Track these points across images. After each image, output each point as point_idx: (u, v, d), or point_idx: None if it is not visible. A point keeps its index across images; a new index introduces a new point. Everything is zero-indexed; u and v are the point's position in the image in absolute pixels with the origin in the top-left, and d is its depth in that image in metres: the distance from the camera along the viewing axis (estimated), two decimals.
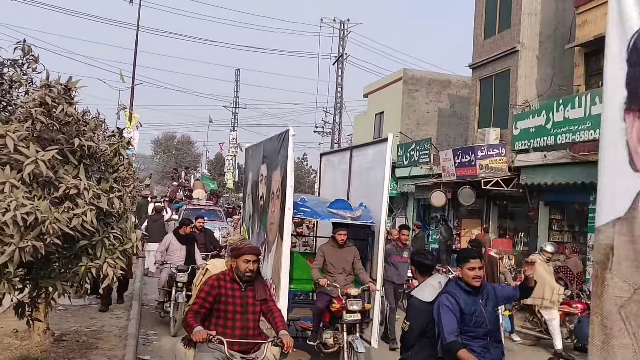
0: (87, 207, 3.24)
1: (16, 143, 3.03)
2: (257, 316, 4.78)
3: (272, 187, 8.70)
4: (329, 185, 11.20)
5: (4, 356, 6.94)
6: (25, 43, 3.87)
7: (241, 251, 4.68)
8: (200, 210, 21.78)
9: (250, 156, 11.85)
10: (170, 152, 73.70)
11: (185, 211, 21.50)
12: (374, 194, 8.45)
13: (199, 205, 23.32)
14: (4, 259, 2.91)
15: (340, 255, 7.99)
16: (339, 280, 7.77)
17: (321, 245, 8.50)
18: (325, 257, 7.99)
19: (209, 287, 4.52)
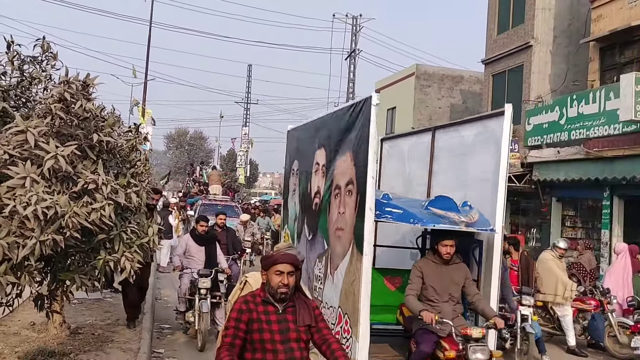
0: (105, 202, 3.30)
1: (37, 138, 3.09)
2: (304, 345, 3.76)
3: (336, 180, 6.61)
4: (393, 178, 8.87)
5: (21, 348, 7.04)
6: (44, 40, 3.92)
7: (272, 260, 3.68)
8: (216, 205, 20.70)
9: (296, 140, 9.12)
10: (183, 147, 74.03)
11: (201, 207, 20.64)
12: (476, 189, 6.53)
13: (215, 201, 22.05)
14: (25, 252, 2.97)
15: (446, 276, 5.83)
16: (446, 312, 5.68)
17: (417, 261, 6.18)
18: (424, 277, 5.82)
19: (237, 312, 3.61)
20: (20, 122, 3.11)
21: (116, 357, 7.19)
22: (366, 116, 5.80)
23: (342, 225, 6.21)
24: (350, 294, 5.75)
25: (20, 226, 3.01)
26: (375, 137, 5.60)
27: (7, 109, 3.37)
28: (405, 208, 5.91)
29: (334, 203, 6.56)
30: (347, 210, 6.09)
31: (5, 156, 3.06)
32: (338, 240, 6.33)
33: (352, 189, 6.00)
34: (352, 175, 6.02)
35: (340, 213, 6.29)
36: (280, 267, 3.63)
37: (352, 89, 37.02)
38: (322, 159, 7.26)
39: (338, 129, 6.72)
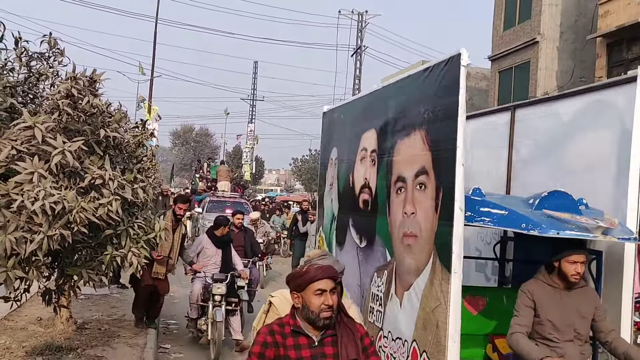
0: (112, 197, 3.32)
1: (44, 134, 3.11)
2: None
3: (397, 170, 5.03)
4: None
5: (28, 343, 7.09)
6: (51, 36, 3.94)
7: (308, 276, 2.87)
8: (225, 202, 20.38)
9: (335, 123, 7.34)
10: (188, 144, 74.24)
11: (209, 204, 20.11)
12: (583, 181, 4.85)
13: (223, 198, 21.37)
14: (33, 247, 2.99)
15: (569, 306, 4.13)
16: (571, 354, 4.06)
17: (525, 285, 4.28)
18: (537, 308, 4.11)
19: (260, 346, 2.86)
20: (27, 118, 3.13)
21: (123, 352, 7.23)
22: (451, 81, 4.31)
23: (412, 230, 4.64)
24: (431, 324, 4.27)
25: (28, 221, 3.03)
26: (464, 109, 4.12)
27: (15, 105, 3.39)
28: (511, 208, 4.23)
29: (397, 200, 4.95)
30: (419, 211, 4.54)
31: (13, 152, 3.08)
32: (408, 251, 4.72)
33: (425, 181, 4.48)
34: (426, 162, 4.46)
35: (407, 214, 4.71)
36: (321, 284, 2.83)
37: (358, 86, 37.02)
38: (371, 143, 5.66)
39: (400, 103, 5.12)
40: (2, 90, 3.28)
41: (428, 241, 4.37)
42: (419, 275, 4.51)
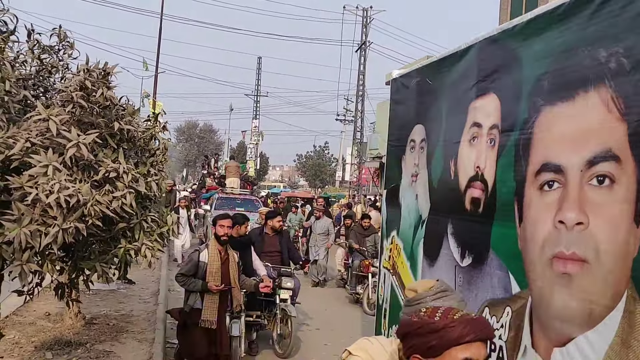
0: (126, 190, 3.30)
1: (59, 127, 3.09)
2: None
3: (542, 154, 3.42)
4: None
5: (37, 338, 7.10)
6: (61, 29, 3.92)
7: (453, 335, 1.77)
8: (235, 200, 19.59)
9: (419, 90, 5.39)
10: (193, 140, 74.36)
11: (218, 201, 19.02)
12: None
13: (232, 194, 20.34)
14: (48, 240, 2.97)
15: None
16: None
17: None
18: None
19: None
20: (42, 110, 3.11)
21: (131, 346, 7.24)
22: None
23: (578, 250, 3.02)
24: None
25: (42, 214, 3.01)
26: None
27: (28, 97, 3.37)
28: None
29: (540, 202, 3.38)
30: (596, 220, 2.93)
31: (27, 144, 3.06)
32: (565, 284, 3.11)
33: (612, 171, 2.85)
34: (615, 140, 2.83)
35: (567, 224, 3.11)
36: (471, 349, 1.76)
37: (363, 81, 36.97)
38: (489, 115, 3.96)
39: (551, 48, 3.38)
40: (15, 82, 3.26)
41: (616, 271, 2.77)
42: (594, 327, 2.88)
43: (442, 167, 4.66)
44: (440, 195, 4.71)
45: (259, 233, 8.62)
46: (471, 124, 4.21)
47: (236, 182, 21.85)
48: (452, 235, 4.44)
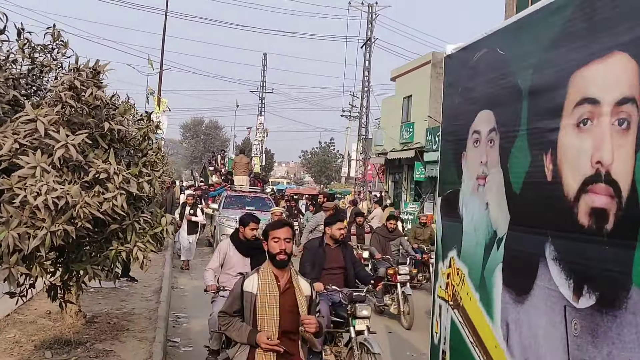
0: (117, 192, 3.25)
1: (47, 127, 3.05)
2: None
3: None
4: None
5: (37, 337, 7.08)
6: (55, 28, 3.87)
7: None
8: (244, 198, 18.26)
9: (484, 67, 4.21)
10: (198, 136, 74.51)
11: (227, 199, 17.90)
12: None
13: (242, 192, 18.89)
14: (36, 243, 2.93)
15: None
16: None
17: None
18: None
19: None
20: (30, 111, 3.06)
21: (132, 345, 7.20)
22: None
23: None
24: None
25: (31, 216, 2.97)
26: None
27: (17, 97, 3.32)
28: None
29: None
30: None
31: (15, 145, 3.01)
32: None
33: None
34: None
35: None
36: None
37: (368, 78, 36.83)
38: (615, 87, 2.78)
39: None
40: (4, 82, 3.21)
41: None
42: None
43: (529, 164, 3.45)
44: (528, 203, 3.48)
45: (319, 245, 6.74)
46: (579, 101, 3.03)
47: (245, 179, 20.28)
48: (555, 262, 3.15)
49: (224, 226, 16.06)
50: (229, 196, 18.17)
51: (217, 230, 16.57)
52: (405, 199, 28.03)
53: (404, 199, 28.07)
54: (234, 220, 13.64)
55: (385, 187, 31.63)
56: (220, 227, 16.39)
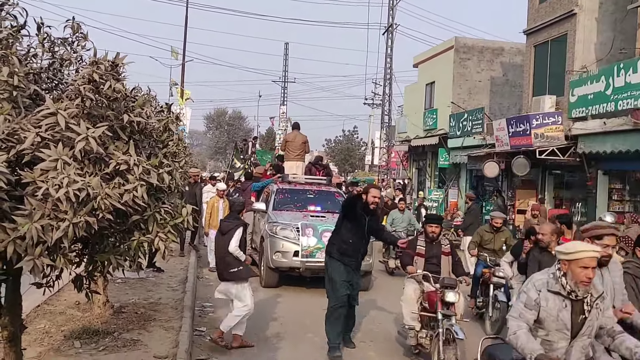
0: (137, 183, 3.28)
1: (67, 120, 3.08)
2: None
3: None
4: None
5: (67, 327, 7.23)
6: (74, 21, 3.90)
7: None
8: (305, 193, 12.79)
9: None
10: (222, 127, 74.81)
11: (278, 195, 12.47)
12: None
13: (299, 185, 13.06)
14: (58, 235, 2.97)
15: None
16: None
17: None
18: None
19: None
20: (50, 105, 3.10)
21: (158, 335, 7.32)
22: None
23: None
24: None
25: (54, 209, 3.01)
26: None
27: (38, 92, 3.37)
28: None
29: None
30: None
31: (37, 139, 3.06)
32: None
33: None
34: None
35: None
36: None
37: (390, 65, 36.58)
38: None
39: None
40: (25, 77, 3.25)
41: None
42: None
43: None
44: None
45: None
46: None
47: (301, 167, 14.56)
48: None
49: (278, 239, 10.94)
50: (281, 191, 12.63)
51: (267, 245, 11.15)
52: (430, 185, 27.87)
53: (428, 186, 27.92)
54: (293, 230, 10.97)
55: (409, 175, 31.47)
56: (271, 240, 11.02)
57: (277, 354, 7.39)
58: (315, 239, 10.74)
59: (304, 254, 10.65)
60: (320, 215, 11.78)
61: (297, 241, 10.74)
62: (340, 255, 7.48)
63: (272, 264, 10.89)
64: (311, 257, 10.63)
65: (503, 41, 26.92)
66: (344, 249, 7.49)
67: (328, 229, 9.81)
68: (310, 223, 11.07)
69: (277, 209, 12.03)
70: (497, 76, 25.79)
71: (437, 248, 7.50)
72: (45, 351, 6.35)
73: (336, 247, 7.54)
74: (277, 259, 10.83)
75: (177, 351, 6.47)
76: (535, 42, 19.81)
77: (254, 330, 8.05)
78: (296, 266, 10.78)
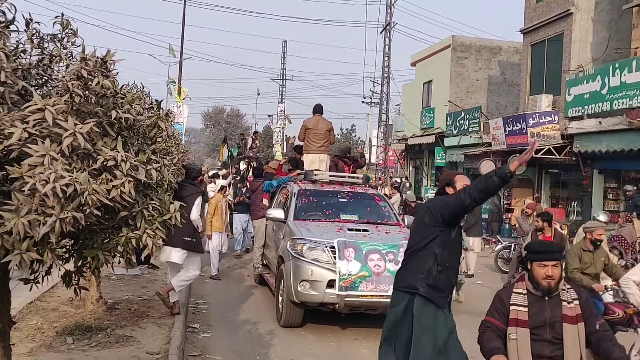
0: (125, 179, 3.28)
1: (55, 116, 3.08)
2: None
3: None
4: None
5: (59, 324, 7.23)
6: (63, 17, 3.90)
7: None
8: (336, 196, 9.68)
9: None
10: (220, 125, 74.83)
11: (300, 199, 9.43)
12: None
13: (325, 185, 10.06)
14: (45, 230, 2.98)
15: None
16: None
17: None
18: None
19: None
20: (38, 100, 3.10)
21: (151, 331, 7.33)
22: None
23: None
24: None
25: (41, 204, 3.02)
26: None
27: (27, 88, 3.37)
28: None
29: None
30: None
31: (24, 134, 3.06)
32: None
33: None
34: None
35: None
36: None
37: (388, 63, 36.55)
38: None
39: None
40: (13, 72, 3.25)
41: None
42: None
43: None
44: None
45: None
46: None
47: (325, 160, 11.65)
48: None
49: (305, 263, 8.04)
50: (304, 193, 9.64)
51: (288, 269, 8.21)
52: (426, 184, 27.92)
53: (424, 184, 27.97)
54: (326, 250, 7.99)
55: (406, 173, 31.52)
56: (295, 264, 8.12)
57: (269, 350, 7.41)
58: (358, 263, 7.77)
59: (342, 285, 7.69)
60: (361, 229, 8.62)
61: (333, 266, 7.79)
62: (430, 290, 4.60)
63: (297, 297, 7.99)
64: (353, 290, 7.69)
65: (501, 40, 26.99)
66: (437, 280, 4.63)
67: (376, 249, 7.89)
68: (350, 241, 8.02)
69: (300, 218, 9.13)
70: (495, 75, 25.84)
71: (553, 307, 4.03)
72: (37, 347, 6.36)
73: (424, 278, 4.61)
74: (303, 290, 7.93)
75: (169, 347, 6.48)
76: (532, 41, 19.86)
77: None
78: (331, 302, 7.81)
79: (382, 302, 7.42)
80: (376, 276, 7.74)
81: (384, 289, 7.52)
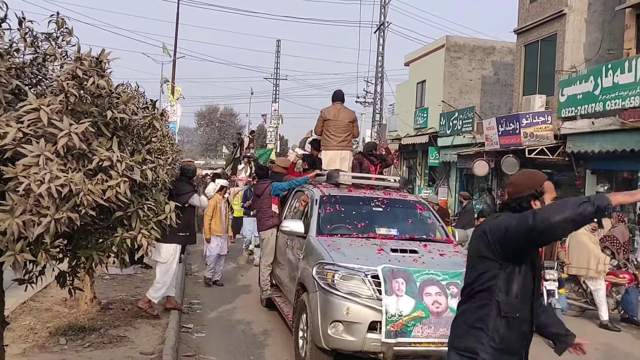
0: (120, 179, 3.27)
1: (50, 116, 3.06)
2: None
3: None
4: None
5: (52, 324, 7.20)
6: (58, 16, 3.88)
7: None
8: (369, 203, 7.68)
9: None
10: (213, 124, 74.71)
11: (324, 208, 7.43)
12: None
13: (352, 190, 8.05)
14: (40, 230, 2.96)
15: None
16: None
17: None
18: None
19: None
20: (33, 100, 3.08)
21: (145, 331, 7.30)
22: None
23: None
24: None
25: (35, 204, 3.00)
26: None
27: (20, 87, 3.35)
28: None
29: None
30: None
31: (19, 134, 3.04)
32: None
33: None
34: None
35: None
36: None
37: (382, 63, 36.57)
38: None
39: None
40: (7, 71, 3.23)
41: None
42: None
43: None
44: None
45: None
46: None
47: (347, 158, 9.77)
48: None
49: (338, 297, 5.90)
50: (328, 200, 7.63)
51: (314, 305, 6.09)
52: (420, 184, 27.96)
53: (418, 184, 28.01)
54: (368, 281, 5.91)
55: (399, 172, 31.56)
56: (324, 298, 5.99)
57: (263, 350, 7.40)
58: (411, 300, 5.74)
59: (390, 329, 5.61)
60: (407, 249, 6.58)
61: (378, 303, 5.74)
62: (497, 355, 3.24)
63: (325, 343, 5.89)
64: (404, 336, 5.64)
65: (494, 40, 27.05)
66: (505, 339, 3.25)
67: (433, 279, 5.90)
68: (399, 268, 5.96)
69: (326, 233, 7.09)
70: (488, 75, 25.91)
71: None
72: (30, 348, 6.33)
73: (488, 339, 3.23)
74: (335, 334, 5.84)
75: (163, 347, 6.46)
76: (526, 42, 19.92)
77: None
78: (374, 350, 5.72)
79: (440, 351, 5.47)
80: (435, 317, 5.67)
81: (445, 334, 5.05)
